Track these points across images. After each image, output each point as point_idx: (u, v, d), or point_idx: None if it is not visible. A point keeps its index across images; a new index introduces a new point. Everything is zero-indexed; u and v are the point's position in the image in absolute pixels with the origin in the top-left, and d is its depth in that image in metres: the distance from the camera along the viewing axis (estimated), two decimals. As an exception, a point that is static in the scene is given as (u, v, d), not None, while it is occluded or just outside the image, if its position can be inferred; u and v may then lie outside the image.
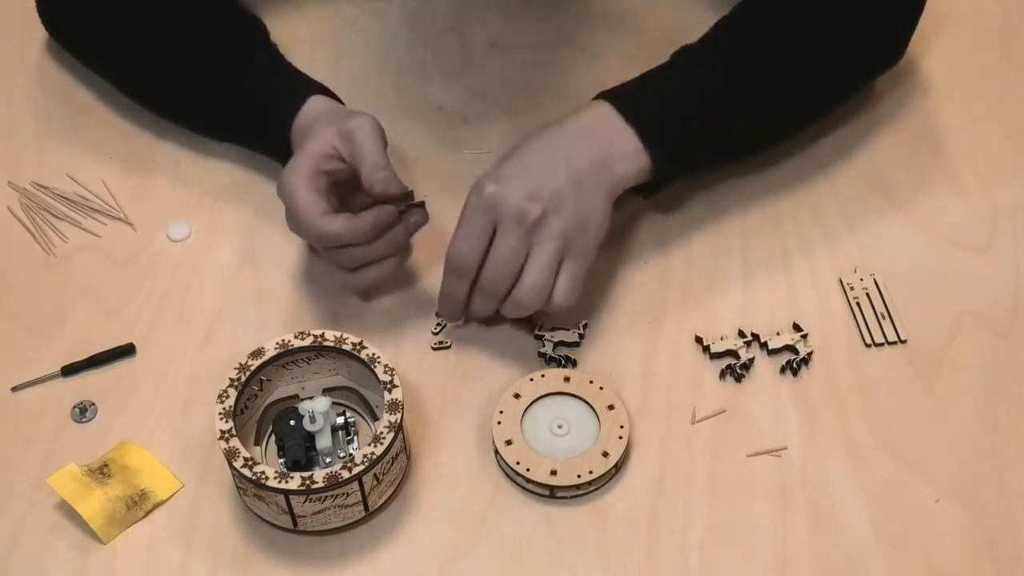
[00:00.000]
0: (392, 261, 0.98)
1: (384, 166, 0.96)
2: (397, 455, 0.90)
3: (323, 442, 0.91)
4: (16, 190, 1.11)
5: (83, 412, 0.97)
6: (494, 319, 0.99)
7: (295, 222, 0.97)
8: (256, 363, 0.92)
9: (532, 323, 1.00)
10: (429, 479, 0.93)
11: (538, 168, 0.95)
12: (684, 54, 1.05)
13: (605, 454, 0.92)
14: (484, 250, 0.94)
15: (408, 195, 0.96)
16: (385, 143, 0.98)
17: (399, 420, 0.88)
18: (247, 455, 0.87)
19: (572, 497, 0.92)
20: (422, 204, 0.97)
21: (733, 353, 0.99)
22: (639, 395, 0.97)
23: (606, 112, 0.99)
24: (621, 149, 0.98)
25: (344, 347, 0.92)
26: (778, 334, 1.00)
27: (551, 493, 0.92)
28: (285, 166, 0.98)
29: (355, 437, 0.93)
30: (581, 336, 1.00)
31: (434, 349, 1.00)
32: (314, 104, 1.04)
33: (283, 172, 0.97)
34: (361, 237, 0.95)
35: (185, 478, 0.94)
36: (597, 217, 0.96)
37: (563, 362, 0.99)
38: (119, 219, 1.09)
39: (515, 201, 0.93)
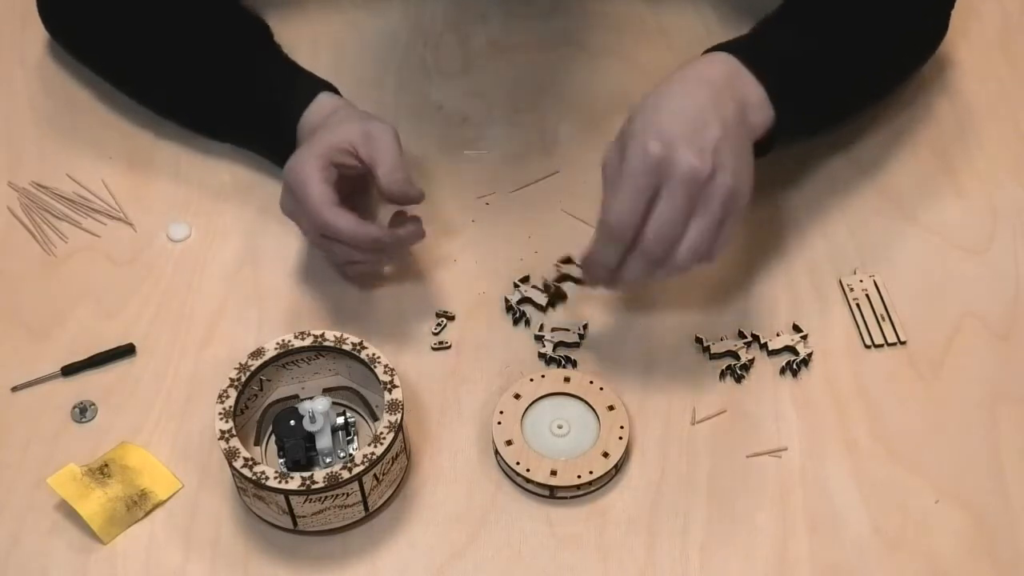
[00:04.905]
0: (379, 263, 1.00)
1: (403, 169, 0.97)
2: (397, 455, 0.90)
3: (323, 442, 0.91)
4: (16, 190, 1.11)
5: (83, 412, 0.97)
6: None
7: (302, 206, 0.96)
8: (256, 363, 0.92)
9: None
10: (429, 479, 0.94)
11: (696, 120, 0.90)
12: (770, 20, 1.04)
13: (605, 454, 0.92)
14: (645, 212, 0.89)
15: (419, 198, 0.97)
16: (402, 151, 0.98)
17: (399, 420, 0.88)
18: (247, 455, 0.87)
19: (572, 497, 0.92)
20: (418, 221, 0.98)
21: (733, 354, 0.99)
22: (639, 395, 0.97)
23: (733, 63, 0.96)
24: (753, 99, 0.95)
25: (344, 347, 0.92)
26: (778, 335, 1.00)
27: (551, 493, 0.92)
28: (296, 151, 0.98)
29: (355, 437, 0.93)
30: (581, 336, 1.00)
31: (434, 349, 1.00)
32: (324, 100, 1.04)
33: (294, 156, 0.97)
34: (361, 243, 0.96)
35: (185, 478, 0.94)
36: (750, 168, 0.92)
37: (563, 362, 0.99)
38: (119, 219, 1.09)
39: (683, 161, 0.87)
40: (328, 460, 0.92)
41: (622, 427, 0.94)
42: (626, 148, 0.90)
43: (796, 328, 1.01)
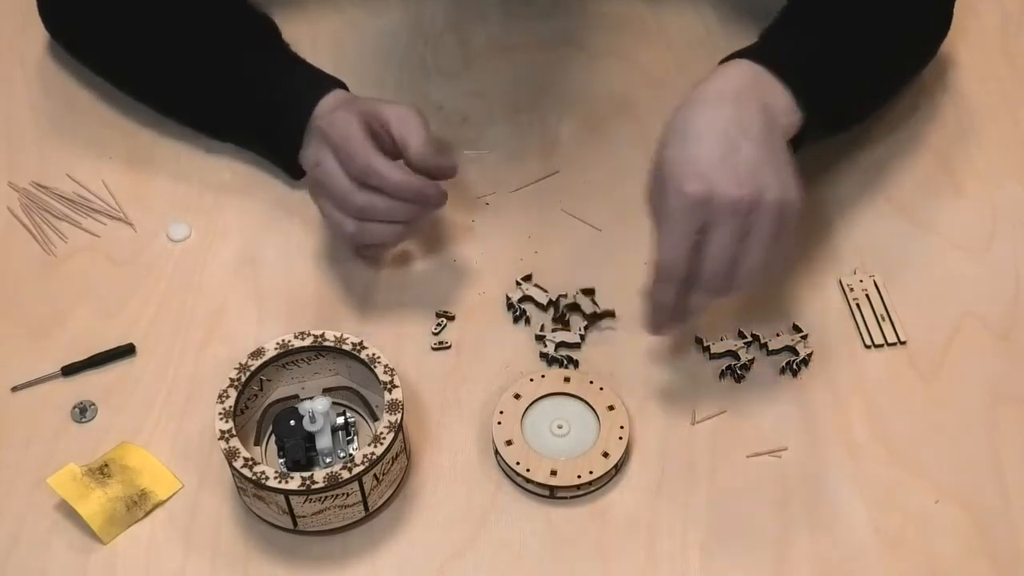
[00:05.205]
0: (400, 229, 0.98)
1: (433, 144, 0.97)
2: (397, 455, 0.90)
3: (323, 442, 0.91)
4: (16, 190, 1.11)
5: (83, 412, 0.97)
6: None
7: (343, 155, 0.95)
8: (256, 363, 0.92)
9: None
10: (429, 479, 0.94)
11: (727, 143, 0.89)
12: (779, 23, 1.03)
13: (605, 454, 0.92)
14: (695, 247, 0.89)
15: (453, 170, 0.97)
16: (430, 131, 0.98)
17: (399, 420, 0.88)
18: (247, 455, 0.87)
19: (572, 497, 0.92)
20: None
21: (733, 353, 0.99)
22: (639, 395, 0.97)
23: (752, 69, 0.95)
24: (780, 102, 0.94)
25: (344, 347, 0.92)
26: (778, 335, 1.00)
27: (551, 493, 0.92)
28: (329, 113, 0.98)
29: (355, 437, 0.93)
30: (582, 336, 1.00)
31: (434, 349, 1.00)
32: (340, 94, 1.04)
33: (328, 116, 0.98)
34: (406, 191, 0.95)
35: (185, 478, 0.94)
36: (792, 171, 0.91)
37: (564, 363, 0.99)
38: (119, 219, 1.09)
39: (725, 194, 0.87)
40: (328, 460, 0.92)
41: (622, 427, 0.94)
42: (664, 185, 0.90)
43: (796, 328, 1.01)
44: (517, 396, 0.96)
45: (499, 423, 0.94)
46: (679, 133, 0.91)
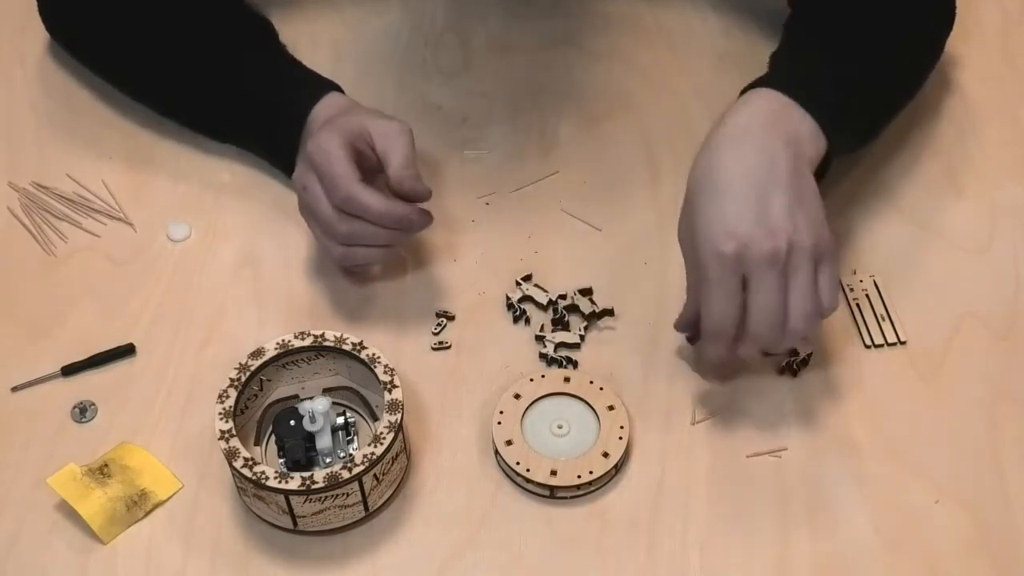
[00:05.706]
0: (386, 251, 0.99)
1: (414, 166, 0.97)
2: (397, 455, 0.90)
3: (323, 442, 0.91)
4: (16, 190, 1.11)
5: (83, 412, 0.97)
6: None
7: (326, 181, 0.95)
8: (256, 363, 0.92)
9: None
10: (429, 479, 0.94)
11: (755, 194, 0.89)
12: (790, 48, 1.03)
13: (605, 454, 0.92)
14: (741, 305, 0.90)
15: (427, 195, 0.97)
16: (415, 150, 0.98)
17: (399, 420, 0.88)
18: (247, 455, 0.87)
19: (572, 497, 0.92)
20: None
21: (733, 353, 0.99)
22: (639, 395, 0.97)
23: (775, 99, 0.94)
24: (804, 131, 0.93)
25: (344, 347, 0.92)
26: (778, 335, 1.00)
27: (551, 493, 0.92)
28: (316, 132, 0.98)
29: (355, 437, 0.94)
30: (582, 337, 1.00)
31: (434, 349, 1.00)
32: (334, 98, 1.04)
33: (315, 136, 0.97)
34: (388, 219, 0.95)
35: (185, 478, 0.94)
36: (818, 208, 0.91)
37: (564, 363, 0.99)
38: (119, 219, 1.09)
39: (758, 249, 0.87)
40: (328, 460, 0.92)
41: (622, 427, 0.94)
42: (696, 239, 0.90)
43: (796, 328, 1.01)
44: (517, 396, 0.96)
45: (499, 423, 0.94)
46: (707, 181, 0.90)
